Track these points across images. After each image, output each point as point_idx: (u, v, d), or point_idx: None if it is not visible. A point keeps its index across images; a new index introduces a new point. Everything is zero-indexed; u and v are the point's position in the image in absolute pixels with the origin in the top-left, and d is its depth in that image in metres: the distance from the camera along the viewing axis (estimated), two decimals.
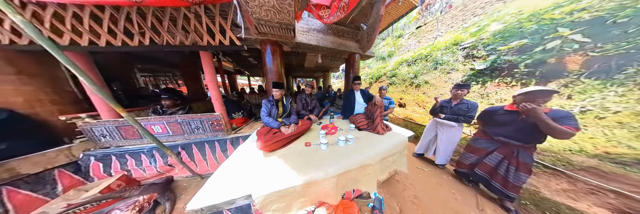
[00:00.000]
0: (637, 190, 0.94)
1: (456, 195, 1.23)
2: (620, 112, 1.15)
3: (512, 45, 1.99)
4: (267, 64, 1.41)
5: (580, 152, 1.16)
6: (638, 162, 0.99)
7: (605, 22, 1.41)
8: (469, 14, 4.72)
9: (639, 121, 1.08)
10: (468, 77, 2.35)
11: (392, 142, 1.10)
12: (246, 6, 0.83)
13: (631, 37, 1.30)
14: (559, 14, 1.71)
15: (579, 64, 1.46)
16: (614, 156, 1.05)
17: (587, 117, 1.26)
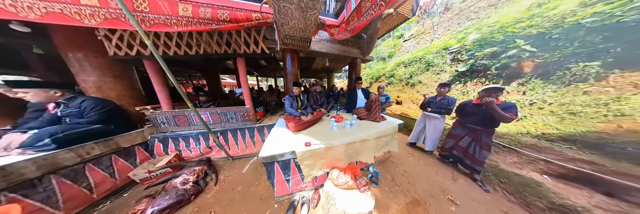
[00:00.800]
0: (556, 157, 1.31)
1: (437, 171, 1.56)
2: (552, 104, 1.54)
3: (486, 51, 2.40)
4: (287, 67, 1.78)
5: (526, 134, 1.54)
6: (560, 139, 1.37)
7: (545, 37, 1.83)
8: (464, 18, 5.06)
9: (561, 110, 1.47)
10: (453, 77, 2.75)
11: (385, 127, 1.46)
12: (280, 28, 1.18)
13: (560, 49, 1.70)
14: (518, 28, 2.16)
15: (530, 68, 1.86)
16: (546, 136, 1.44)
17: (533, 108, 1.65)
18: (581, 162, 1.19)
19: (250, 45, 1.48)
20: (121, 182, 1.24)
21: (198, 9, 0.99)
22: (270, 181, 1.11)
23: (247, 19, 1.09)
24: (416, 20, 7.59)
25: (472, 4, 5.13)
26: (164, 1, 0.93)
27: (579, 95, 1.42)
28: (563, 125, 1.38)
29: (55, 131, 0.92)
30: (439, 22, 5.81)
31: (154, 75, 1.41)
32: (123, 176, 1.25)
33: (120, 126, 1.27)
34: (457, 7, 5.68)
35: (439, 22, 5.84)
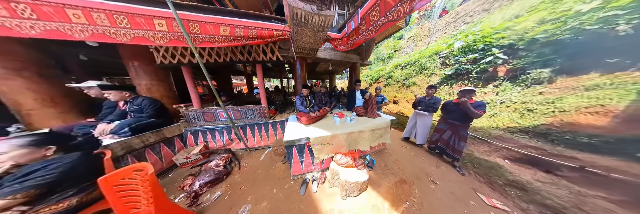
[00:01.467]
0: (515, 145, 1.63)
1: (424, 160, 1.87)
2: (516, 103, 1.87)
3: (468, 57, 2.74)
4: (297, 72, 2.09)
5: (496, 128, 1.86)
6: (519, 130, 1.69)
7: (513, 47, 2.18)
8: (460, 22, 5.33)
9: (522, 107, 1.79)
10: (442, 80, 3.08)
11: (380, 122, 1.77)
12: (295, 42, 1.50)
13: (524, 57, 2.04)
14: (494, 38, 2.52)
15: (503, 72, 2.19)
16: (510, 129, 1.76)
17: (503, 106, 1.97)
18: (531, 148, 1.51)
19: (267, 54, 1.80)
20: (166, 165, 1.56)
21: (234, 30, 1.30)
22: (288, 162, 1.43)
23: (269, 36, 1.40)
24: (415, 22, 7.72)
25: (468, 9, 5.39)
26: (210, 25, 1.24)
27: (536, 95, 1.75)
28: (522, 119, 1.70)
29: (130, 123, 1.24)
30: (435, 26, 6.03)
31: (189, 79, 1.73)
32: (167, 160, 1.56)
33: (165, 120, 1.58)
34: (453, 10, 5.92)
35: (435, 25, 6.06)
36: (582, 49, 1.63)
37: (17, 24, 0.95)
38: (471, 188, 1.40)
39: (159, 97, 1.66)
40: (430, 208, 1.15)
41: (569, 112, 1.44)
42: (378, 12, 1.02)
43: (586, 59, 1.57)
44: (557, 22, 1.91)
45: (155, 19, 1.12)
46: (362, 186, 1.21)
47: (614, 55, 1.52)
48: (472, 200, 1.25)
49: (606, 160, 1.26)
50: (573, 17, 1.91)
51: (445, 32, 5.57)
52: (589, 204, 1.08)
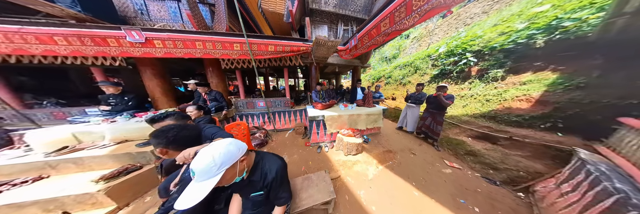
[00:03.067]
0: (474, 127, 2.19)
1: (410, 141, 2.43)
2: (480, 95, 2.41)
3: (450, 60, 3.29)
4: (312, 74, 2.83)
5: (465, 115, 2.42)
6: (480, 116, 2.24)
7: (481, 52, 2.71)
8: (461, 23, 5.69)
9: (483, 99, 2.34)
10: (431, 78, 3.63)
11: (374, 110, 2.42)
12: (313, 54, 2.22)
13: (487, 60, 2.59)
14: (468, 45, 3.07)
15: (475, 72, 2.73)
16: (474, 115, 2.32)
17: (472, 98, 2.52)
18: (485, 127, 2.06)
19: (293, 61, 2.55)
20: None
21: (276, 47, 2.06)
22: (308, 133, 2.14)
23: (297, 50, 2.15)
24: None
25: (469, 11, 5.71)
26: (263, 45, 2.00)
27: (492, 89, 2.28)
28: (482, 108, 2.25)
29: (214, 106, 2.05)
30: (438, 26, 6.33)
31: (239, 79, 2.53)
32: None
33: (227, 106, 2.39)
34: (456, 12, 6.23)
35: (436, 26, 6.36)
36: (521, 55, 2.23)
37: (145, 52, 1.78)
38: (440, 157, 1.93)
39: (221, 91, 2.49)
40: (406, 166, 1.71)
41: (509, 100, 1.98)
42: (368, 37, 1.68)
43: (525, 62, 2.13)
44: (505, 36, 2.47)
45: (235, 43, 1.91)
46: (358, 147, 1.87)
47: (537, 60, 2.08)
48: (437, 163, 1.79)
49: (524, 131, 1.80)
50: (515, 32, 2.55)
51: (447, 33, 5.91)
52: (510, 159, 1.62)
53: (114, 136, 1.42)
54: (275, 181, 0.57)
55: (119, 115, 1.72)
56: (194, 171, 0.43)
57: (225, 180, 0.46)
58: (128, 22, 2.13)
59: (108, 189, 0.99)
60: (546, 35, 2.24)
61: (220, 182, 0.44)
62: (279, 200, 0.61)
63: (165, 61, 2.22)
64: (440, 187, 1.38)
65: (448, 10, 6.82)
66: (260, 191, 0.57)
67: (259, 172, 0.57)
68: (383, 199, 1.21)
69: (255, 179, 0.57)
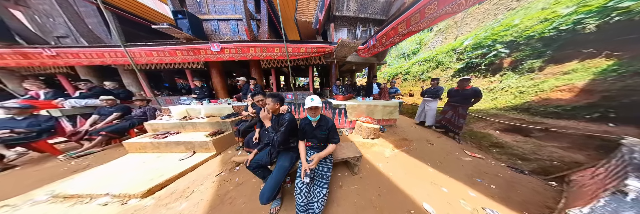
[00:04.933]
0: (504, 119, 2.10)
1: (427, 133, 2.49)
2: (512, 87, 2.27)
3: (478, 53, 3.10)
4: (332, 71, 3.24)
5: (494, 108, 2.33)
6: (511, 108, 2.14)
7: (514, 42, 2.47)
8: (503, 8, 4.61)
9: (516, 91, 2.21)
10: (455, 73, 3.49)
11: (390, 102, 2.62)
12: (335, 54, 2.62)
13: (522, 51, 2.39)
14: (499, 36, 2.81)
15: (508, 64, 2.55)
16: (504, 108, 2.23)
17: (503, 91, 2.39)
18: (516, 120, 1.97)
19: (316, 60, 3.02)
20: None
21: (306, 49, 2.56)
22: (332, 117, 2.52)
23: (322, 51, 2.59)
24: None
25: (495, 2, 4.95)
26: (297, 48, 2.53)
27: (528, 80, 2.12)
28: (515, 100, 2.13)
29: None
30: (467, 16, 5.46)
31: (274, 76, 3.16)
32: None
33: None
34: (484, 5, 5.45)
35: (464, 16, 5.56)
36: (564, 43, 1.97)
37: (218, 57, 2.49)
38: (461, 149, 1.93)
39: (261, 84, 3.18)
40: (422, 151, 1.81)
41: (547, 91, 1.81)
42: (386, 37, 1.95)
43: (570, 50, 1.87)
44: (546, 23, 2.21)
45: (275, 47, 2.50)
46: (375, 132, 2.12)
47: (586, 47, 1.83)
48: (456, 152, 1.82)
49: (563, 122, 1.64)
50: (560, 18, 2.28)
51: (483, 21, 4.92)
52: (544, 150, 1.55)
53: (206, 112, 2.20)
54: (333, 126, 1.02)
55: (203, 100, 2.56)
56: (314, 99, 0.94)
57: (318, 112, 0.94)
58: (208, 38, 3.05)
59: (212, 141, 1.62)
60: (599, 18, 1.96)
61: (317, 111, 0.92)
62: (334, 139, 1.02)
63: (223, 64, 3.03)
64: (457, 169, 1.46)
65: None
66: (325, 131, 0.99)
67: (325, 120, 1.02)
68: (398, 170, 1.41)
69: (322, 124, 1.01)
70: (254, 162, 1.02)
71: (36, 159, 1.72)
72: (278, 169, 0.94)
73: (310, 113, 0.96)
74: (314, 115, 0.97)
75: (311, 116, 0.98)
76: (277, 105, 1.02)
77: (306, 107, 0.93)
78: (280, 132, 0.95)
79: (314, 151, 1.04)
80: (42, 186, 1.20)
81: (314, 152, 1.03)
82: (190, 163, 1.42)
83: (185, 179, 1.23)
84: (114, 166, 1.42)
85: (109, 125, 2.02)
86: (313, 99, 0.95)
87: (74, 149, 1.88)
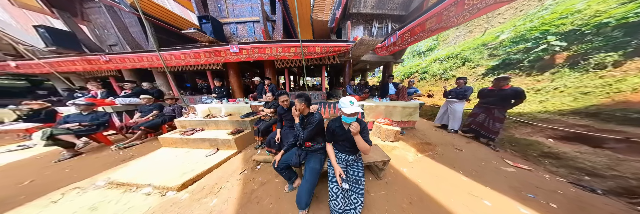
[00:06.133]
0: (561, 126, 1.74)
1: (452, 138, 2.21)
2: (571, 88, 1.86)
3: (520, 47, 2.63)
4: (346, 70, 3.14)
5: (544, 112, 1.96)
6: (570, 113, 1.76)
7: (576, 33, 1.97)
8: (532, 6, 4.02)
9: (577, 91, 1.81)
10: (487, 71, 3.05)
11: (410, 103, 2.42)
12: (351, 53, 2.52)
13: (591, 42, 1.92)
14: (553, 25, 2.27)
15: (562, 59, 2.10)
16: (560, 111, 1.85)
17: (556, 92, 1.99)
18: (578, 126, 1.60)
19: (330, 60, 2.96)
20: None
21: (322, 48, 2.51)
22: None
23: (338, 50, 2.52)
24: None
25: None
26: (312, 47, 2.51)
27: (595, 79, 1.70)
28: (575, 102, 1.74)
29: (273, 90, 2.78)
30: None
31: (286, 75, 3.20)
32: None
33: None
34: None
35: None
36: None
37: (236, 58, 2.60)
38: (499, 157, 1.65)
39: (275, 84, 3.26)
40: (450, 158, 1.60)
41: (627, 92, 1.40)
42: (409, 34, 1.77)
43: None
44: (631, 4, 1.66)
45: (291, 47, 2.51)
46: (395, 134, 1.97)
47: None
48: (494, 161, 1.56)
49: None
50: None
51: (521, 10, 4.18)
52: (625, 166, 1.22)
53: (226, 111, 2.33)
54: (365, 128, 0.93)
55: (222, 99, 2.73)
56: (353, 102, 0.84)
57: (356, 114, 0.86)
58: (227, 40, 3.25)
59: (234, 139, 1.69)
60: None
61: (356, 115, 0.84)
62: (368, 142, 0.94)
63: (239, 64, 3.18)
64: (498, 180, 1.26)
65: None
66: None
67: (358, 121, 0.93)
68: (426, 177, 1.27)
69: None
70: (282, 163, 1.01)
71: (95, 148, 2.04)
72: (310, 172, 0.91)
73: (349, 115, 0.87)
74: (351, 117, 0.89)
75: (348, 117, 0.87)
76: (304, 105, 1.00)
77: (347, 112, 0.81)
78: (307, 130, 0.95)
79: (344, 154, 0.99)
80: (101, 172, 1.42)
81: (345, 155, 0.98)
82: (215, 159, 1.51)
83: (212, 175, 1.30)
84: (152, 158, 1.60)
85: (146, 121, 2.29)
86: (352, 102, 0.84)
87: (121, 141, 2.19)
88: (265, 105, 2.02)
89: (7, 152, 2.06)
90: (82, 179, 1.29)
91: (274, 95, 2.00)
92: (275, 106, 1.98)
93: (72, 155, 1.79)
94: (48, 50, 3.09)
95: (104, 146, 2.10)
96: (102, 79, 3.90)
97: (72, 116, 1.95)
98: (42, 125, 2.35)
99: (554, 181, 1.28)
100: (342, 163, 0.96)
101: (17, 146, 2.23)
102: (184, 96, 3.24)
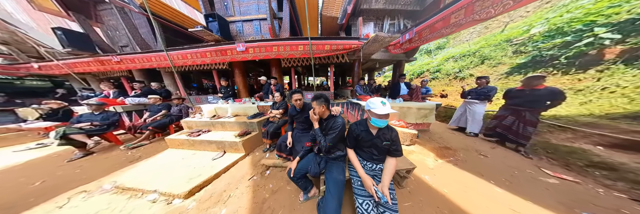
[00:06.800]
0: (613, 131, 1.49)
1: (474, 142, 2.00)
2: (626, 87, 1.59)
3: (555, 41, 2.32)
4: (355, 70, 2.98)
5: (587, 115, 1.71)
6: (623, 116, 1.51)
7: (634, 23, 1.65)
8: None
9: (635, 92, 1.54)
10: (511, 69, 2.77)
11: (426, 104, 2.23)
12: (363, 51, 2.36)
13: None
14: (603, 16, 1.92)
15: (614, 54, 1.81)
16: (610, 115, 1.60)
17: (604, 92, 1.72)
18: (635, 133, 1.36)
19: (339, 58, 2.82)
20: None
21: (332, 46, 2.38)
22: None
23: (349, 48, 2.37)
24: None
25: None
26: (321, 45, 2.38)
27: None
28: (632, 105, 1.48)
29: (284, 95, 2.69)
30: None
31: (293, 74, 3.10)
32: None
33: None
34: None
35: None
36: None
37: (243, 57, 2.51)
38: (534, 165, 1.45)
39: (281, 83, 3.17)
40: (475, 165, 1.42)
41: None
42: (429, 30, 1.58)
43: None
44: None
45: (299, 45, 2.40)
46: (412, 137, 1.81)
47: None
48: (529, 170, 1.36)
49: None
50: None
51: (548, 1, 3.68)
52: None
53: (232, 111, 2.26)
54: (397, 136, 0.81)
55: (228, 99, 2.68)
56: (385, 102, 0.75)
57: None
58: (233, 39, 3.20)
59: (242, 141, 1.61)
60: None
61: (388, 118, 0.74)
62: (397, 152, 0.81)
63: (244, 64, 3.12)
64: (539, 193, 1.09)
65: None
66: (388, 141, 0.81)
67: (388, 128, 0.82)
68: (453, 186, 1.14)
69: (386, 131, 0.82)
70: (299, 172, 0.90)
71: (106, 148, 2.06)
72: (335, 184, 0.78)
73: (381, 117, 0.75)
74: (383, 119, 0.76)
75: (380, 120, 0.76)
76: (323, 107, 0.88)
77: (379, 113, 0.72)
78: (330, 137, 0.82)
79: (371, 163, 0.86)
80: (109, 174, 1.40)
81: (372, 164, 0.85)
82: (223, 163, 1.43)
83: (220, 181, 1.23)
84: (159, 160, 1.56)
85: (154, 121, 2.28)
86: (384, 103, 0.75)
87: (130, 140, 2.20)
88: (273, 106, 1.93)
89: (27, 150, 2.14)
90: (90, 182, 1.27)
91: (282, 95, 1.91)
92: (284, 106, 1.88)
93: (84, 154, 1.80)
94: (65, 51, 3.20)
95: (114, 145, 2.12)
96: (115, 79, 4.01)
97: (85, 116, 1.98)
98: (60, 124, 2.42)
99: (611, 197, 1.08)
100: (368, 172, 0.84)
101: (36, 144, 2.30)
102: (191, 96, 3.24)
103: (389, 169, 0.79)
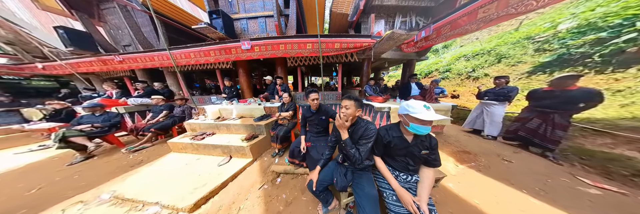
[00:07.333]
0: None
1: (494, 146, 1.85)
2: None
3: (587, 38, 2.13)
4: (364, 69, 2.84)
5: (631, 119, 1.54)
6: None
7: None
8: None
9: None
10: (533, 69, 2.58)
11: (441, 105, 2.08)
12: (374, 50, 2.22)
13: None
14: (636, 10, 1.72)
15: None
16: None
17: None
18: None
19: (348, 56, 2.68)
20: None
21: (342, 44, 2.25)
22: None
23: (360, 47, 2.23)
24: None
25: None
26: (330, 43, 2.25)
27: None
28: None
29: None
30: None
31: (299, 73, 2.98)
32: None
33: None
34: None
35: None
36: None
37: (248, 55, 2.40)
38: (567, 172, 1.32)
39: (287, 83, 3.06)
40: (500, 171, 1.29)
41: None
42: (450, 27, 1.43)
43: None
44: None
45: (307, 43, 2.27)
46: None
47: None
48: (564, 178, 1.23)
49: None
50: None
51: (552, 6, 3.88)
52: None
53: (237, 113, 2.16)
54: (436, 144, 0.70)
55: (232, 100, 2.58)
56: (428, 106, 0.64)
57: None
58: (238, 36, 3.10)
59: (249, 146, 1.50)
60: None
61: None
62: (435, 162, 0.71)
63: (249, 63, 3.02)
64: (582, 206, 0.97)
65: None
66: (427, 149, 0.69)
67: (426, 135, 0.70)
68: (483, 196, 1.03)
69: (424, 139, 0.71)
70: (321, 184, 0.78)
71: (107, 150, 1.98)
72: (369, 200, 0.66)
73: (424, 124, 0.63)
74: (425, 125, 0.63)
75: (422, 127, 0.63)
76: (359, 111, 0.75)
77: (423, 118, 0.60)
78: (365, 149, 0.70)
79: (405, 174, 0.74)
80: (109, 181, 1.31)
81: (406, 175, 0.73)
82: (229, 169, 1.33)
83: (228, 190, 1.12)
84: (161, 166, 1.46)
85: (156, 123, 2.20)
86: (428, 107, 0.63)
87: (133, 142, 2.12)
88: (280, 107, 1.81)
89: (28, 152, 2.08)
90: (88, 190, 1.18)
91: (290, 96, 1.80)
92: (293, 108, 1.77)
93: (85, 158, 1.72)
94: (68, 51, 3.15)
95: (115, 147, 2.04)
96: (118, 79, 3.97)
97: (86, 117, 1.90)
98: (63, 124, 2.36)
99: None
100: (403, 185, 0.72)
101: (38, 146, 2.25)
102: (193, 97, 3.16)
103: (426, 182, 0.68)
